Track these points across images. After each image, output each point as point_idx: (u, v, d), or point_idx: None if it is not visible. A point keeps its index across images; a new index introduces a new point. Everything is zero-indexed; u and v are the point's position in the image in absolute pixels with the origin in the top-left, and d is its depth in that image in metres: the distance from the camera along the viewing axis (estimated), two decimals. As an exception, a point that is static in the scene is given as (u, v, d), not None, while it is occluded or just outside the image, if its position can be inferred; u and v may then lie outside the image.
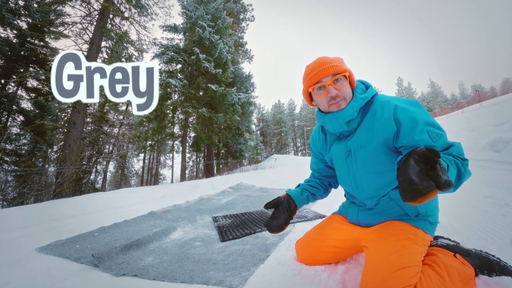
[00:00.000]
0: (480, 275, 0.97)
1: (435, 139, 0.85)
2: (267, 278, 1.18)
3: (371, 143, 0.97)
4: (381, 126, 0.94)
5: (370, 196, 1.06)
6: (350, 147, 1.05)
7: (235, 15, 21.91)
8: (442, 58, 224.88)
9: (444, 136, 0.87)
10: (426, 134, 0.86)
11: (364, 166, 1.02)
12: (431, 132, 0.86)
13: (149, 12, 10.94)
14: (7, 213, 3.04)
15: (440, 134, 0.86)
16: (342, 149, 1.08)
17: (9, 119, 11.70)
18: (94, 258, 1.49)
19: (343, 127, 1.03)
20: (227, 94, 12.46)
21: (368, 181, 1.03)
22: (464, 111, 17.65)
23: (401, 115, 0.90)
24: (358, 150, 1.01)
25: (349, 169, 1.08)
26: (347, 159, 1.07)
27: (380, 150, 0.97)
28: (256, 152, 25.85)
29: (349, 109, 0.98)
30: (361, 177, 1.05)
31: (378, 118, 0.95)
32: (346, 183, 1.16)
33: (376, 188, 1.02)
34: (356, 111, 0.99)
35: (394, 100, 0.95)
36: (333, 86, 0.97)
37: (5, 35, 10.66)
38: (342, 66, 0.98)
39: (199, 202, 3.71)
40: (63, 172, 7.11)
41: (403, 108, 0.91)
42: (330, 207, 2.51)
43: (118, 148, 16.87)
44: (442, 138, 0.86)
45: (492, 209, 1.79)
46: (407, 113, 0.90)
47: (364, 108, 1.02)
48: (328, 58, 1.02)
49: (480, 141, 4.39)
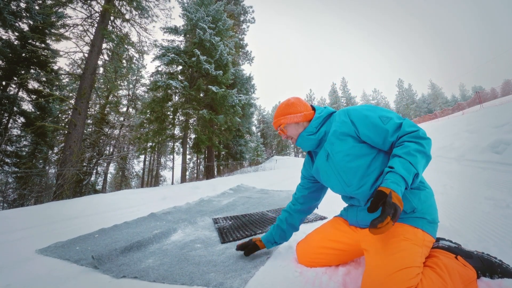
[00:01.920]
0: (482, 277, 0.96)
1: (385, 122, 1.03)
2: (268, 280, 1.17)
3: (338, 137, 1.15)
4: (341, 125, 1.15)
5: (358, 186, 1.10)
6: (327, 150, 1.20)
7: (236, 17, 21.99)
8: (442, 59, 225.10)
9: (394, 118, 1.04)
10: (379, 120, 1.04)
11: (340, 158, 1.13)
12: (382, 117, 1.05)
13: (150, 14, 10.96)
14: (7, 215, 3.03)
15: (389, 117, 1.04)
16: (323, 155, 1.23)
17: (10, 121, 11.74)
18: (94, 260, 1.48)
19: (312, 141, 1.26)
20: (228, 95, 12.48)
21: (350, 170, 1.11)
22: (465, 113, 17.63)
23: (353, 116, 1.13)
24: (332, 147, 1.17)
25: (332, 168, 1.18)
26: (328, 160, 1.20)
27: (346, 140, 1.12)
28: (257, 154, 25.85)
29: (308, 128, 1.25)
30: (342, 169, 1.13)
31: (337, 120, 1.19)
32: (335, 184, 1.21)
33: (360, 175, 1.09)
34: (315, 127, 1.24)
35: (348, 108, 1.19)
36: (280, 133, 1.32)
37: (6, 37, 10.73)
38: (278, 122, 1.29)
39: (200, 204, 3.71)
40: (64, 173, 7.11)
41: (355, 110, 1.15)
42: (331, 209, 2.51)
43: (118, 149, 16.88)
44: (391, 120, 1.03)
45: (493, 211, 1.78)
46: (358, 113, 1.12)
47: (328, 122, 1.25)
48: (275, 113, 1.33)
49: (481, 142, 4.38)
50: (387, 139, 1.03)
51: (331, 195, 1.45)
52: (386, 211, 0.78)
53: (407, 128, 0.99)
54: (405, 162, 0.90)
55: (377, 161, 1.08)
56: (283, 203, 3.43)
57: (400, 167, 0.89)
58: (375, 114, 1.08)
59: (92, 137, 14.46)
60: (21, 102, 11.91)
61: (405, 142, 0.96)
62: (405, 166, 0.89)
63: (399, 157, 0.93)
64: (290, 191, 4.57)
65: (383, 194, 0.83)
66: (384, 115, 1.06)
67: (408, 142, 0.95)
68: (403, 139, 0.98)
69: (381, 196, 0.83)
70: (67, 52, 9.22)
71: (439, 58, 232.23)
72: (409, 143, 0.95)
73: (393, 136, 1.01)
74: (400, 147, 0.96)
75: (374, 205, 0.82)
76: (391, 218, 0.77)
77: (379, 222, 0.77)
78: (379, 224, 0.77)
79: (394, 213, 0.78)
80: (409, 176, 0.88)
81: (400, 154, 0.93)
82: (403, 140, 0.97)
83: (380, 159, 1.08)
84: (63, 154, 7.95)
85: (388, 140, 1.02)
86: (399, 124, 1.01)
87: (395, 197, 0.82)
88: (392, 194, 0.82)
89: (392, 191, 0.83)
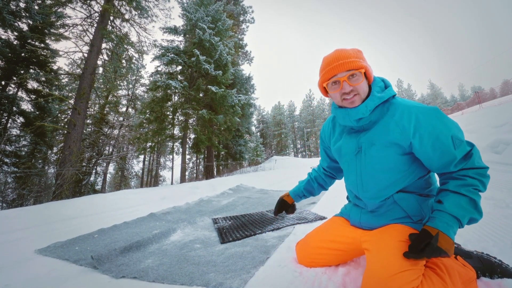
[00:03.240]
0: (481, 277, 0.96)
1: (456, 145, 0.86)
2: (267, 280, 1.17)
3: (383, 142, 0.98)
4: (396, 130, 0.94)
5: (373, 196, 1.05)
6: (361, 144, 1.04)
7: (235, 17, 21.97)
8: (442, 59, 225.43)
9: (464, 140, 0.88)
10: (451, 141, 0.87)
11: (371, 164, 1.02)
12: (455, 137, 0.87)
13: (150, 14, 10.96)
14: (6, 215, 3.03)
15: (460, 140, 0.88)
16: (353, 145, 1.08)
17: (9, 121, 11.71)
18: (94, 260, 1.48)
19: (353, 123, 1.04)
20: (227, 95, 12.47)
21: (373, 179, 1.03)
22: (464, 113, 17.66)
23: (424, 128, 0.90)
24: (369, 148, 1.02)
25: (357, 166, 1.08)
26: (357, 155, 1.07)
27: (390, 149, 0.97)
28: (256, 154, 25.84)
29: (362, 107, 0.98)
30: (367, 175, 1.05)
31: (396, 121, 0.94)
32: (351, 180, 1.14)
33: (380, 187, 1.02)
34: (369, 110, 0.98)
35: (414, 108, 0.93)
36: (347, 82, 0.96)
37: (6, 36, 10.70)
38: (358, 62, 0.95)
39: (199, 204, 3.71)
40: (63, 173, 7.10)
41: (426, 119, 0.90)
42: (330, 209, 2.51)
43: (118, 149, 16.87)
44: (462, 144, 0.87)
45: (493, 211, 1.78)
46: (431, 126, 0.89)
47: (381, 108, 1.00)
48: (345, 52, 0.98)
49: (480, 142, 4.38)
50: (449, 166, 0.88)
51: (331, 196, 1.45)
52: (425, 254, 0.74)
53: (477, 162, 0.85)
54: (467, 201, 0.81)
55: (408, 177, 0.99)
56: (282, 203, 3.42)
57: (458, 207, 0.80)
58: (448, 131, 0.88)
59: (91, 137, 14.45)
60: (20, 102, 11.89)
61: (468, 177, 0.84)
62: (466, 205, 0.80)
63: (460, 195, 0.82)
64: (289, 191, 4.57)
65: (428, 234, 0.77)
66: (456, 135, 0.88)
67: (471, 179, 0.83)
68: (468, 173, 0.85)
69: (426, 235, 0.78)
70: (67, 52, 9.22)
71: (438, 58, 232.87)
72: (472, 179, 0.83)
73: (457, 166, 0.87)
74: (461, 182, 0.84)
75: (415, 248, 0.78)
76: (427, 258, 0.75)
77: (413, 259, 0.76)
78: (412, 259, 0.76)
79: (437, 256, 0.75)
80: (464, 216, 0.80)
81: (464, 192, 0.82)
82: (467, 175, 0.84)
83: (412, 175, 0.99)
84: (62, 154, 7.94)
85: (450, 168, 0.88)
86: (468, 151, 0.87)
87: (445, 241, 0.75)
88: (439, 237, 0.75)
89: (440, 232, 0.76)
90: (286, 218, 2.35)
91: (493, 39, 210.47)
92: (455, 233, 0.77)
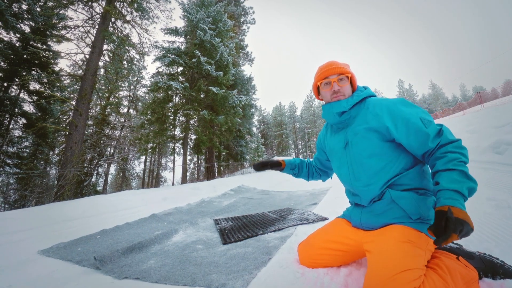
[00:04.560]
0: (484, 278, 0.96)
1: (427, 125, 0.98)
2: (270, 281, 1.17)
3: (363, 130, 1.11)
4: (372, 118, 1.09)
5: (366, 184, 1.10)
6: (347, 138, 1.18)
7: (236, 18, 22.03)
8: (443, 59, 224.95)
9: (432, 120, 1.00)
10: (420, 121, 0.99)
11: (358, 152, 1.13)
12: (423, 119, 1.00)
13: (151, 15, 11.01)
14: (8, 216, 3.04)
15: (429, 120, 1.00)
16: (342, 141, 1.21)
17: (12, 122, 11.77)
18: (96, 261, 1.49)
19: (336, 117, 1.22)
20: (228, 96, 12.50)
21: (362, 166, 1.12)
22: (466, 113, 17.61)
23: (393, 113, 1.05)
24: (354, 138, 1.15)
25: (347, 158, 1.18)
26: (345, 149, 1.19)
27: (371, 135, 1.09)
28: (257, 154, 25.86)
29: (343, 102, 1.18)
30: (356, 163, 1.14)
31: (371, 111, 1.11)
32: (344, 174, 1.22)
33: (371, 173, 1.09)
34: (350, 105, 1.17)
35: (385, 101, 1.11)
36: (337, 83, 1.18)
37: (8, 38, 10.77)
38: (346, 69, 1.19)
39: (201, 205, 3.71)
40: (65, 174, 7.12)
41: (393, 105, 1.07)
42: (331, 210, 2.51)
43: (119, 150, 16.90)
44: (432, 124, 0.98)
45: (495, 212, 1.77)
46: (398, 110, 1.05)
47: (359, 105, 1.18)
48: (336, 62, 1.23)
49: (482, 143, 4.37)
50: (426, 144, 0.96)
51: (333, 196, 1.45)
52: (449, 229, 0.72)
53: (450, 136, 0.94)
54: (457, 174, 0.84)
55: (395, 163, 1.05)
56: (284, 204, 3.43)
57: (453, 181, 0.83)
58: (415, 113, 1.01)
59: (93, 138, 14.49)
60: (22, 103, 11.95)
61: (449, 152, 0.90)
62: (459, 178, 0.84)
63: (450, 170, 0.86)
64: (290, 191, 4.57)
65: (442, 213, 0.78)
66: (424, 117, 1.00)
67: (452, 153, 0.89)
68: (447, 149, 0.92)
69: (441, 215, 0.77)
70: (68, 54, 9.27)
71: (439, 58, 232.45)
72: (453, 154, 0.89)
73: (433, 142, 0.95)
74: (446, 159, 0.90)
75: (439, 227, 0.76)
76: (458, 235, 0.71)
77: (443, 241, 0.72)
78: (444, 242, 0.72)
79: (462, 229, 0.71)
80: (462, 188, 0.82)
81: (452, 167, 0.86)
82: (447, 151, 0.91)
83: (398, 161, 1.05)
84: (64, 155, 7.97)
85: (428, 145, 0.96)
86: (439, 129, 0.96)
87: (458, 211, 0.75)
88: (451, 210, 0.75)
89: (450, 207, 0.77)
90: (288, 219, 2.36)
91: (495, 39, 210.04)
92: (463, 206, 0.78)
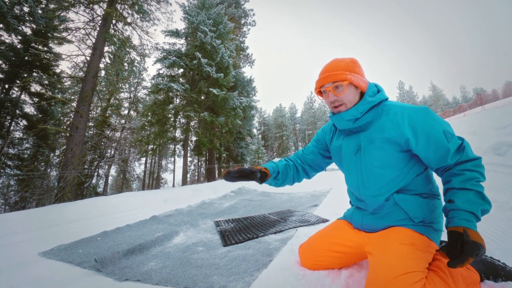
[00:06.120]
0: (485, 280, 0.96)
1: (449, 139, 0.92)
2: (270, 283, 1.17)
3: (380, 139, 1.03)
4: (392, 127, 1.00)
5: (374, 194, 1.06)
6: (360, 143, 1.09)
7: (237, 20, 22.10)
8: (443, 61, 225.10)
9: (454, 134, 0.95)
10: (443, 135, 0.93)
11: (371, 161, 1.05)
12: (446, 132, 0.94)
13: (152, 18, 11.06)
14: (9, 218, 3.05)
15: (451, 133, 0.94)
16: (353, 145, 1.13)
17: (12, 124, 11.80)
18: (97, 262, 1.49)
19: (349, 124, 1.11)
20: (229, 98, 12.51)
21: (373, 176, 1.06)
22: (466, 115, 17.61)
23: (417, 124, 0.96)
24: (367, 145, 1.06)
25: (357, 164, 1.11)
26: (356, 154, 1.11)
27: (387, 146, 1.01)
28: (258, 156, 25.86)
29: (353, 110, 1.06)
30: (367, 172, 1.07)
31: (391, 119, 1.02)
32: (352, 179, 1.16)
33: (381, 184, 1.04)
34: (361, 112, 1.06)
35: (407, 108, 1.01)
36: (333, 92, 1.07)
37: (10, 40, 10.82)
38: (342, 75, 1.04)
39: (201, 207, 3.71)
40: (65, 176, 7.13)
41: (418, 115, 0.98)
42: (332, 212, 2.51)
43: (120, 152, 16.91)
44: (454, 138, 0.93)
45: (496, 214, 1.77)
46: (423, 122, 0.96)
47: (375, 110, 1.07)
48: (335, 64, 1.08)
49: (483, 144, 4.36)
50: (445, 159, 0.92)
51: (333, 198, 1.45)
52: (466, 253, 0.71)
53: (470, 154, 0.90)
54: (474, 194, 0.83)
55: (406, 174, 1.02)
56: (284, 205, 3.43)
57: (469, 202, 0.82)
58: (439, 125, 0.95)
59: (93, 139, 14.51)
60: (23, 105, 11.98)
61: (467, 171, 0.87)
62: (475, 199, 0.82)
63: (467, 190, 0.84)
64: (291, 193, 4.57)
65: (457, 234, 0.76)
66: (447, 129, 0.94)
67: (470, 172, 0.86)
68: (466, 166, 0.88)
69: (456, 236, 0.76)
70: (70, 55, 9.31)
71: (439, 60, 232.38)
72: (472, 172, 0.86)
73: (453, 159, 0.91)
74: (463, 177, 0.87)
75: (454, 249, 0.74)
76: (474, 258, 0.70)
77: (459, 264, 0.70)
78: (459, 265, 0.71)
79: (478, 253, 0.71)
80: (477, 210, 0.81)
81: (469, 187, 0.84)
82: (466, 169, 0.88)
83: (411, 172, 1.02)
84: (64, 156, 7.97)
85: (446, 161, 0.92)
86: (459, 144, 0.92)
87: (474, 235, 0.74)
88: (467, 232, 0.74)
89: (465, 228, 0.76)
90: (288, 221, 2.35)
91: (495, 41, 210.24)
92: (476, 227, 0.77)
